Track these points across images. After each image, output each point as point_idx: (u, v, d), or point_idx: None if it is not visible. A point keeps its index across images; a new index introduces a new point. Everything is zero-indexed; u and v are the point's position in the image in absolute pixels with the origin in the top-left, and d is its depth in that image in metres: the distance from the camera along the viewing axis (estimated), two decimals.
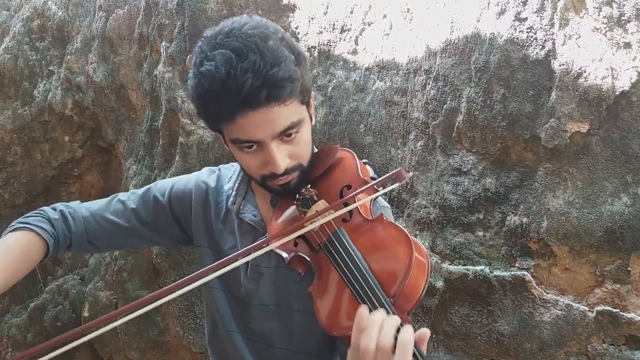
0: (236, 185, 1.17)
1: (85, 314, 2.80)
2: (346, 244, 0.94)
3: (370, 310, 0.84)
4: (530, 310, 1.71)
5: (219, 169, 1.25)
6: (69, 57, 3.03)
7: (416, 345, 0.80)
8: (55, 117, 3.10)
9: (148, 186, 1.23)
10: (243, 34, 0.92)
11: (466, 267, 1.80)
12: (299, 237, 0.99)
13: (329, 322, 0.91)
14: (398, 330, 0.80)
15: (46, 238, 1.12)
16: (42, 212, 1.16)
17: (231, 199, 1.15)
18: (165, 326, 2.50)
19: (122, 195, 1.24)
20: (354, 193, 0.96)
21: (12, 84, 3.19)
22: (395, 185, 1.00)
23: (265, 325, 1.13)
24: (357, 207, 0.99)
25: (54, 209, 1.18)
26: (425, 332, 0.82)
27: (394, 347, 0.78)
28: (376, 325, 0.80)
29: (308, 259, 0.99)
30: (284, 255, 1.00)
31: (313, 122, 1.06)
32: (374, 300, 0.86)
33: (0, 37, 3.29)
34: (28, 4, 3.23)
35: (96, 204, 1.23)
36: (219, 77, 0.89)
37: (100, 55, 2.90)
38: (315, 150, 1.11)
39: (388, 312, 0.84)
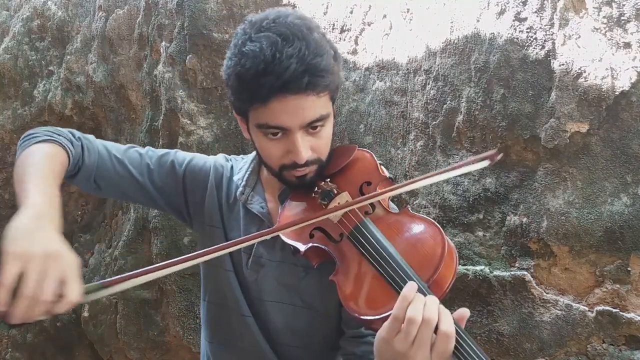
0: (246, 175, 1.17)
1: (85, 314, 2.80)
2: (374, 231, 0.95)
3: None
4: (530, 310, 1.71)
5: (232, 159, 1.25)
6: (68, 57, 3.03)
7: (457, 323, 0.82)
8: (55, 117, 3.10)
9: (167, 150, 1.23)
10: (290, 22, 0.95)
11: (466, 267, 1.81)
12: (315, 228, 1.00)
13: (361, 307, 0.91)
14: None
15: (70, 161, 1.05)
16: (63, 132, 1.09)
17: (240, 189, 1.16)
18: (165, 326, 2.50)
19: (139, 148, 1.21)
20: (380, 192, 0.96)
21: (12, 84, 3.19)
22: (484, 164, 0.98)
23: (268, 319, 1.13)
24: (380, 202, 1.00)
25: (72, 134, 1.11)
26: (465, 311, 0.85)
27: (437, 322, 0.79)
28: (422, 300, 0.81)
29: (327, 249, 0.99)
30: (299, 246, 1.01)
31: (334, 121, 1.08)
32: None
33: (0, 37, 3.29)
34: (28, 4, 3.23)
35: (113, 145, 1.17)
36: (262, 58, 0.91)
37: (100, 55, 2.90)
38: (341, 145, 1.15)
39: (426, 295, 0.84)
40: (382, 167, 1.07)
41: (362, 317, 0.90)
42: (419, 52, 1.94)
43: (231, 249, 0.92)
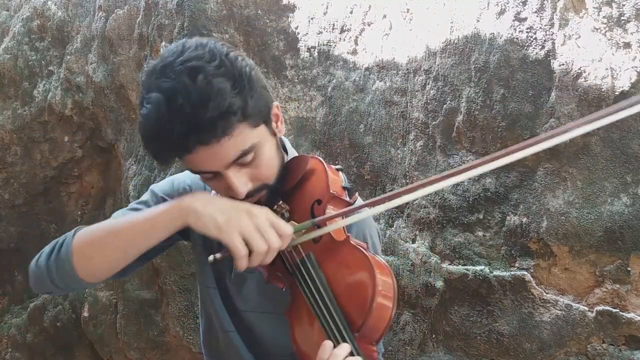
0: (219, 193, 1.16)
1: (85, 314, 2.80)
2: (312, 271, 0.93)
3: (335, 345, 0.86)
4: (530, 310, 1.71)
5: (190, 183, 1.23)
6: (68, 57, 3.03)
7: None
8: (55, 117, 3.10)
9: (149, 190, 1.20)
10: (173, 71, 0.88)
11: (466, 267, 1.80)
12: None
13: (296, 346, 0.93)
14: None
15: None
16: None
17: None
18: (165, 326, 2.50)
19: (122, 210, 1.19)
20: (322, 218, 0.93)
21: (12, 84, 3.19)
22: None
23: (253, 329, 1.14)
24: (326, 224, 0.95)
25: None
26: None
27: None
28: None
29: (284, 279, 0.99)
30: (264, 272, 1.00)
31: (282, 134, 1.02)
32: (338, 335, 0.87)
33: (0, 37, 3.29)
34: (28, 4, 3.23)
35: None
36: (151, 125, 0.88)
37: (100, 56, 2.90)
38: (294, 156, 1.08)
39: (355, 347, 0.85)
40: (340, 174, 1.00)
41: (298, 357, 0.92)
42: (419, 52, 1.94)
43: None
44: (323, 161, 1.00)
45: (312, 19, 2.23)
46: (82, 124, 3.09)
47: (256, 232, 0.87)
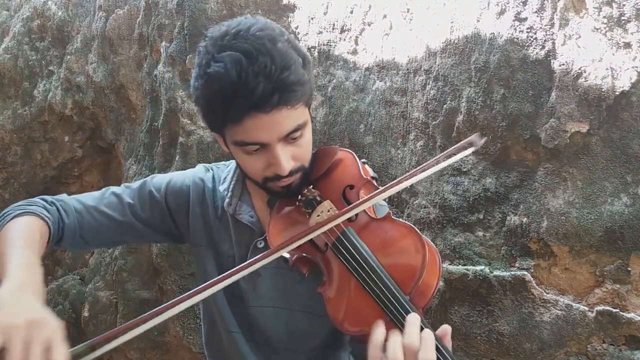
0: (231, 186, 1.15)
1: (85, 314, 2.80)
2: (356, 243, 0.93)
3: (386, 313, 0.85)
4: (530, 310, 1.71)
5: (212, 168, 1.22)
6: (69, 57, 3.03)
7: (440, 341, 0.82)
8: (55, 117, 3.10)
9: (143, 180, 1.20)
10: (251, 35, 0.90)
11: (466, 267, 1.80)
12: None
13: (344, 322, 0.91)
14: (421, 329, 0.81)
15: (50, 227, 1.06)
16: (35, 201, 1.10)
17: (227, 200, 1.14)
18: (165, 326, 2.50)
19: (115, 189, 1.18)
20: (362, 201, 0.95)
21: (12, 84, 3.19)
22: (470, 151, 1.00)
23: (265, 326, 1.13)
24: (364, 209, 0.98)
25: (45, 200, 1.12)
26: (447, 328, 0.84)
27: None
28: (398, 340, 0.81)
29: (313, 259, 0.98)
30: (287, 256, 0.99)
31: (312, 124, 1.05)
32: (392, 299, 0.86)
33: (0, 37, 3.29)
34: (28, 4, 3.23)
35: (88, 197, 1.16)
36: (228, 80, 0.87)
37: (100, 55, 2.90)
38: (322, 147, 1.12)
39: (407, 310, 0.84)
40: (366, 166, 1.05)
41: (347, 332, 0.90)
42: (419, 52, 1.94)
43: (231, 280, 0.91)
44: (352, 152, 1.06)
45: (312, 18, 2.23)
46: (82, 123, 3.09)
47: (23, 344, 0.74)
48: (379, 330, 0.83)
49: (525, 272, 1.71)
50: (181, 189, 1.18)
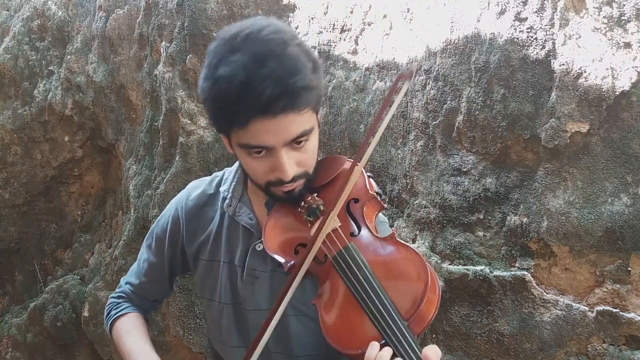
0: (232, 187, 1.15)
1: (85, 313, 2.80)
2: (358, 259, 0.91)
3: (382, 335, 0.83)
4: (530, 310, 1.71)
5: (223, 172, 1.24)
6: (69, 57, 3.03)
7: None
8: (55, 117, 3.10)
9: (151, 230, 1.28)
10: (262, 38, 0.89)
11: (466, 267, 1.80)
12: (300, 244, 0.98)
13: (336, 340, 0.89)
14: None
15: (141, 312, 1.27)
16: (116, 302, 1.29)
17: (227, 201, 1.14)
18: (165, 326, 2.50)
19: (144, 254, 1.31)
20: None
21: (12, 84, 3.19)
22: (405, 87, 0.98)
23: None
24: (365, 222, 0.96)
25: (118, 297, 1.30)
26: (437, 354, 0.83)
27: None
28: None
29: (309, 268, 0.96)
30: (282, 261, 0.98)
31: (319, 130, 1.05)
32: (389, 321, 0.84)
33: (0, 37, 3.29)
34: (28, 4, 3.23)
35: (133, 276, 1.31)
36: (236, 83, 0.87)
37: (100, 55, 2.90)
38: (329, 155, 1.11)
39: (404, 335, 0.82)
40: (372, 180, 1.03)
41: (339, 349, 0.87)
42: (419, 52, 1.94)
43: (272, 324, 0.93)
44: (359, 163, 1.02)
45: (312, 18, 2.23)
46: (82, 123, 3.09)
47: None
48: (373, 351, 0.82)
49: (526, 272, 1.71)
50: (173, 222, 1.23)
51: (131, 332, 1.19)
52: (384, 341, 0.83)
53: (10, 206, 3.26)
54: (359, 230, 0.96)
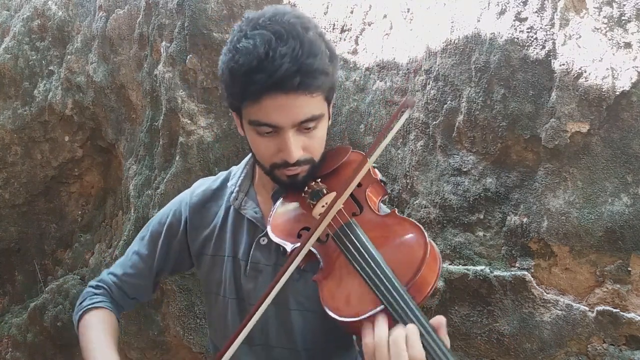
0: (239, 181, 1.17)
1: None
2: (359, 233, 0.94)
3: (382, 301, 0.84)
4: (530, 310, 1.71)
5: (230, 170, 1.26)
6: (69, 57, 3.03)
7: (435, 333, 0.83)
8: (55, 117, 3.10)
9: (148, 224, 1.27)
10: (286, 20, 0.94)
11: (466, 267, 1.80)
12: (303, 228, 1.00)
13: (335, 307, 0.89)
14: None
15: (114, 311, 1.22)
16: (92, 292, 1.23)
17: (234, 194, 1.16)
18: (165, 326, 2.50)
19: (131, 248, 1.28)
20: (361, 188, 0.97)
21: (12, 84, 3.19)
22: (407, 115, 1.01)
23: (263, 323, 1.13)
24: (367, 203, 0.99)
25: (96, 287, 1.25)
26: (440, 319, 0.86)
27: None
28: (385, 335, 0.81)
29: (313, 250, 0.98)
30: (287, 245, 1.00)
31: (329, 122, 1.07)
32: (389, 286, 0.85)
33: (0, 37, 3.29)
34: (28, 4, 3.23)
35: (117, 267, 1.27)
36: (256, 55, 0.91)
37: (100, 55, 2.90)
38: (336, 145, 1.14)
39: (404, 299, 0.84)
40: (376, 169, 1.06)
41: (338, 318, 0.88)
42: (419, 52, 1.94)
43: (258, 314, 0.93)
44: (364, 154, 1.05)
45: (312, 18, 2.23)
46: (82, 123, 3.09)
47: None
48: (382, 329, 0.82)
49: (526, 272, 1.71)
50: (174, 217, 1.23)
51: (99, 328, 1.15)
52: (382, 306, 0.84)
53: (11, 206, 3.26)
54: (361, 210, 0.99)
